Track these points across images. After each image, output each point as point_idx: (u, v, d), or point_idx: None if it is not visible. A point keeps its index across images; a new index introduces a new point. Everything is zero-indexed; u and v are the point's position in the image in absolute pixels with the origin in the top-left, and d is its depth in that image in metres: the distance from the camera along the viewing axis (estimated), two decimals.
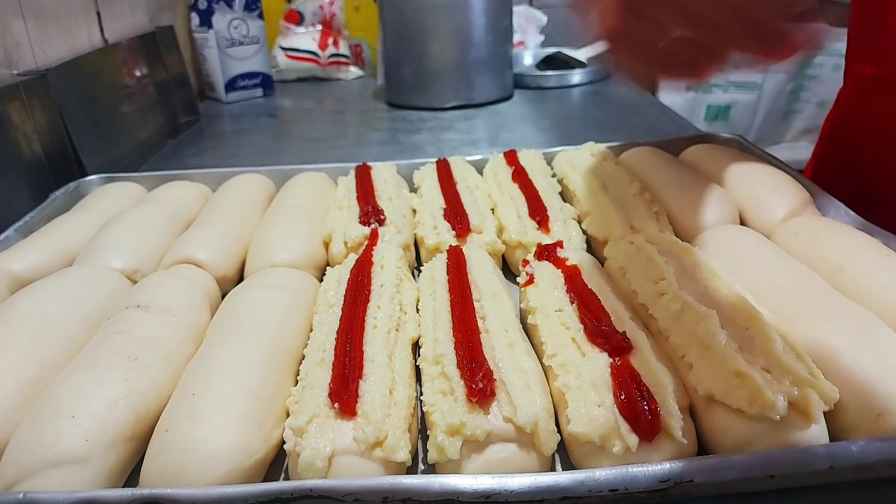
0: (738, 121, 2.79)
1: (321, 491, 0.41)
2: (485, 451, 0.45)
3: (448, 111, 1.49)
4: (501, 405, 0.47)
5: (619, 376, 0.47)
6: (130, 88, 1.30)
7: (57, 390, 0.49)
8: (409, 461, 0.46)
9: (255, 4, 1.63)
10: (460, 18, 1.43)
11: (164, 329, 0.57)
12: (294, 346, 0.58)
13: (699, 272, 0.60)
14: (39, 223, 0.83)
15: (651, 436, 0.44)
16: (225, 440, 0.46)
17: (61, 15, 1.14)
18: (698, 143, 0.96)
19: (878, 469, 0.43)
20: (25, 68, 1.03)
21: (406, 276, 0.68)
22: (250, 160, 1.23)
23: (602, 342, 0.50)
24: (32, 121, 0.98)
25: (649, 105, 1.52)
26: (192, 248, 0.72)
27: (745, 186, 0.79)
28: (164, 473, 0.45)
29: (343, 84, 1.85)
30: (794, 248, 0.66)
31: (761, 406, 0.44)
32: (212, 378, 0.50)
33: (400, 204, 0.82)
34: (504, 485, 0.41)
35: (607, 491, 0.41)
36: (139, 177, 0.97)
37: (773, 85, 2.75)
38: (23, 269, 0.70)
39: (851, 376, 0.47)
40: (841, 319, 0.52)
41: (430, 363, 0.52)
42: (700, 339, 0.51)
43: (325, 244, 0.77)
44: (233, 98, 1.65)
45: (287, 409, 0.51)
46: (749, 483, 0.43)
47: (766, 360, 0.47)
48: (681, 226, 0.75)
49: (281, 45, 1.84)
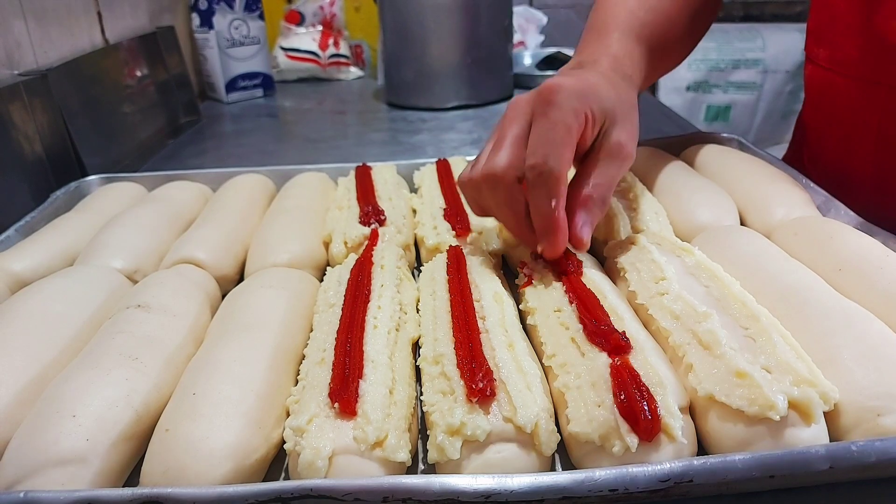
0: (738, 121, 2.79)
1: (321, 490, 0.41)
2: (485, 451, 0.45)
3: (448, 111, 1.49)
4: (501, 405, 0.47)
5: (619, 376, 0.47)
6: (131, 89, 1.30)
7: (58, 390, 0.49)
8: (409, 461, 0.47)
9: (256, 5, 1.63)
10: (460, 18, 1.43)
11: (164, 329, 0.58)
12: (294, 345, 0.58)
13: (699, 272, 0.60)
14: (40, 223, 0.83)
15: (651, 436, 0.44)
16: (225, 439, 0.46)
17: (62, 15, 1.14)
18: (698, 143, 0.96)
19: (878, 469, 0.43)
20: (26, 68, 1.03)
21: (406, 276, 0.68)
22: (251, 160, 1.23)
23: (601, 342, 0.50)
24: (33, 121, 0.98)
25: (649, 105, 1.52)
26: (193, 248, 0.72)
27: (745, 186, 0.79)
28: (165, 473, 0.45)
29: (343, 84, 1.86)
30: (794, 248, 0.66)
31: (761, 406, 0.44)
32: (212, 378, 0.51)
33: (400, 204, 0.82)
34: (504, 485, 0.42)
35: (607, 491, 0.42)
36: (140, 177, 0.97)
37: (773, 85, 2.76)
38: (23, 269, 0.70)
39: (851, 376, 0.47)
40: (840, 319, 0.52)
41: (430, 363, 0.52)
42: (700, 339, 0.51)
43: (325, 244, 0.77)
44: (233, 98, 1.65)
45: (287, 408, 0.51)
46: (749, 483, 0.43)
47: (766, 360, 0.47)
48: (681, 226, 0.75)
49: (281, 45, 1.84)
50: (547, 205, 0.59)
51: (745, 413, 0.44)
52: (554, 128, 0.58)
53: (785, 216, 0.73)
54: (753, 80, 2.74)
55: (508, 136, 0.61)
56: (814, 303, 0.55)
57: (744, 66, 2.73)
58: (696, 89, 2.75)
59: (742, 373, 0.46)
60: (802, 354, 0.49)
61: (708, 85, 2.75)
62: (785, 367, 0.47)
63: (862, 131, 0.82)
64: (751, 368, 0.46)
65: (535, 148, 0.59)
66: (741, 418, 0.45)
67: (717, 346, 0.49)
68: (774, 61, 2.72)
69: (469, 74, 1.48)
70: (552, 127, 0.59)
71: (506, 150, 0.60)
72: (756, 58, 2.73)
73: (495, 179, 0.60)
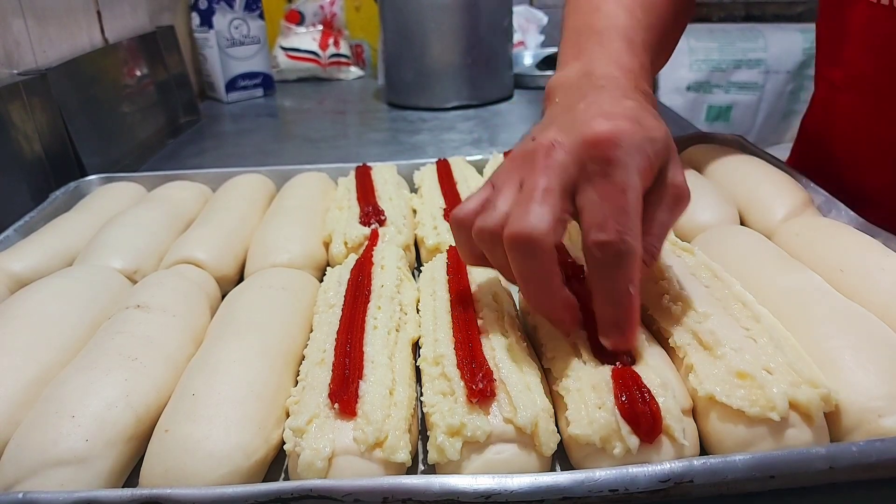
0: (739, 121, 2.79)
1: (321, 491, 0.41)
2: (485, 451, 0.45)
3: (448, 111, 1.49)
4: (501, 406, 0.47)
5: (620, 378, 0.47)
6: (131, 88, 1.30)
7: (57, 390, 0.49)
8: (409, 462, 0.46)
9: (256, 4, 1.63)
10: (460, 18, 1.43)
11: (164, 329, 0.57)
12: (294, 346, 0.58)
13: (700, 272, 0.60)
14: (39, 223, 0.83)
15: (652, 437, 0.44)
16: (225, 440, 0.46)
17: (62, 15, 1.14)
18: (698, 143, 0.96)
19: (878, 469, 0.43)
20: (26, 68, 1.03)
21: (406, 276, 0.68)
22: (250, 160, 1.23)
23: (603, 353, 0.50)
24: (33, 120, 0.98)
25: None
26: (193, 248, 0.72)
27: (745, 186, 0.79)
28: (164, 473, 0.45)
29: (343, 84, 1.86)
30: (795, 248, 0.66)
31: (762, 407, 0.44)
32: (212, 378, 0.50)
33: (400, 204, 0.82)
34: (504, 485, 0.41)
35: (607, 491, 0.41)
36: (139, 177, 0.97)
37: (774, 85, 2.75)
38: (23, 269, 0.70)
39: (851, 377, 0.47)
40: (841, 320, 0.52)
41: (430, 364, 0.52)
42: (701, 340, 0.51)
43: (325, 244, 0.77)
44: (233, 98, 1.65)
45: (287, 409, 0.51)
46: (749, 483, 0.43)
47: (767, 361, 0.47)
48: (682, 226, 0.74)
49: (281, 45, 1.84)
50: (624, 291, 0.48)
51: (746, 414, 0.44)
52: (624, 194, 0.47)
53: (786, 216, 0.73)
54: (755, 80, 2.74)
55: (546, 189, 0.48)
56: (815, 303, 0.55)
57: (745, 67, 2.73)
58: (697, 89, 2.74)
59: (743, 373, 0.46)
60: (803, 355, 0.49)
61: (709, 85, 2.75)
62: (786, 367, 0.47)
63: (883, 147, 0.81)
64: (752, 369, 0.46)
65: (605, 221, 0.47)
66: (742, 419, 0.45)
67: (717, 347, 0.49)
68: (776, 61, 2.72)
69: (469, 74, 1.48)
70: (621, 193, 0.47)
71: (546, 208, 0.47)
72: (757, 58, 2.73)
73: (533, 244, 0.47)
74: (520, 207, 0.48)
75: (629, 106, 0.53)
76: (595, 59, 0.61)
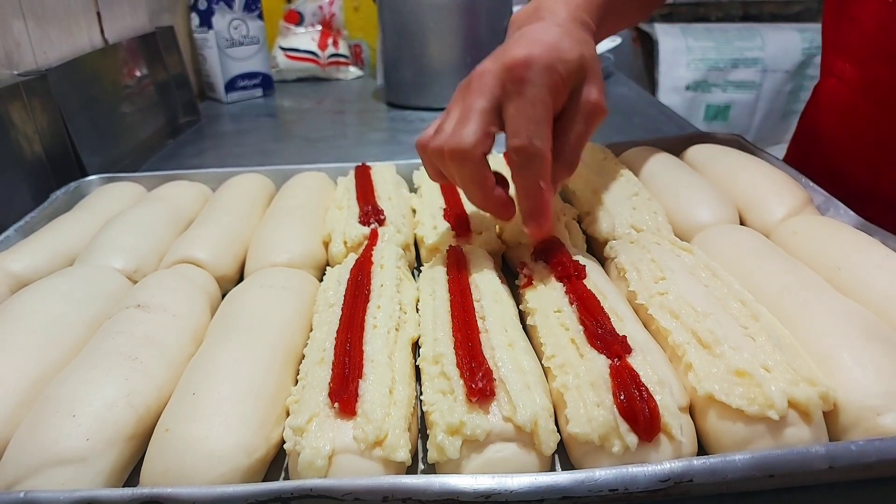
0: (738, 120, 2.79)
1: (321, 490, 0.41)
2: (485, 450, 0.45)
3: None
4: (501, 405, 0.47)
5: (619, 376, 0.47)
6: (130, 88, 1.30)
7: (57, 390, 0.49)
8: (408, 461, 0.47)
9: (255, 5, 1.63)
10: (460, 18, 1.43)
11: (164, 329, 0.58)
12: (294, 345, 0.58)
13: (699, 271, 0.60)
14: (40, 223, 0.83)
15: (651, 435, 0.44)
16: (225, 439, 0.46)
17: (61, 15, 1.14)
18: (698, 142, 0.96)
19: (878, 469, 0.43)
20: (26, 69, 1.03)
21: (406, 275, 0.68)
22: (250, 160, 1.23)
23: (601, 346, 0.50)
24: (33, 121, 0.98)
25: (649, 105, 1.52)
26: (193, 248, 0.72)
27: (744, 186, 0.79)
28: (165, 473, 0.45)
29: (343, 84, 1.86)
30: (794, 247, 0.66)
31: (761, 405, 0.44)
32: (212, 377, 0.51)
33: (400, 204, 0.82)
34: (504, 484, 0.42)
35: (607, 491, 0.42)
36: (139, 177, 0.97)
37: (772, 84, 2.76)
38: (23, 269, 0.70)
39: (850, 375, 0.47)
40: (839, 318, 0.52)
41: (429, 363, 0.52)
42: (700, 339, 0.51)
43: (324, 244, 0.77)
44: (233, 98, 1.65)
45: (287, 408, 0.51)
46: (748, 483, 0.43)
47: (766, 360, 0.47)
48: (681, 226, 0.75)
49: (281, 45, 1.84)
50: (536, 186, 0.59)
51: (745, 412, 0.44)
52: (533, 106, 0.58)
53: (784, 215, 0.73)
54: (753, 79, 2.74)
55: (475, 109, 0.60)
56: (813, 302, 0.55)
57: (743, 66, 2.73)
58: (695, 89, 2.75)
59: (742, 372, 0.46)
60: (802, 353, 0.49)
61: (707, 84, 2.75)
62: (784, 366, 0.47)
63: (890, 150, 0.81)
64: (750, 367, 0.46)
65: (518, 129, 0.58)
66: (741, 417, 0.45)
67: (716, 346, 0.49)
68: (773, 61, 2.72)
69: (469, 74, 1.48)
70: (531, 105, 0.58)
71: (473, 125, 0.59)
72: (755, 57, 2.73)
73: (463, 155, 0.59)
74: (454, 128, 0.60)
75: (554, 33, 0.62)
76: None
